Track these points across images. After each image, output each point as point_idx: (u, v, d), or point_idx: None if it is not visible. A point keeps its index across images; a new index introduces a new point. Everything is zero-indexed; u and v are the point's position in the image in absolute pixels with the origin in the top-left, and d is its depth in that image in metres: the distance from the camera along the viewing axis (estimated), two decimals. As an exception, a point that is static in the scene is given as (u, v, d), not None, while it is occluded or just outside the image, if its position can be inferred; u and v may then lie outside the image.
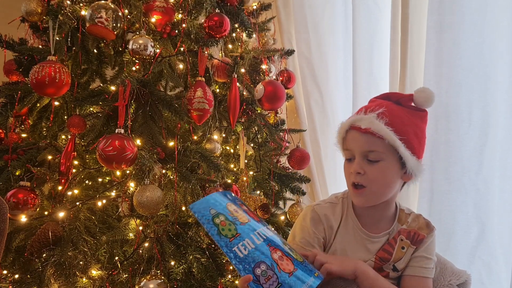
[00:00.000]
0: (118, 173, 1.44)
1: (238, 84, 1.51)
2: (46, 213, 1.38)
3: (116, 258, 1.42)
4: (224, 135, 1.73)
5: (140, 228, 1.36)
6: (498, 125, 1.75)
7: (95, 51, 1.54)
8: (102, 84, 1.56)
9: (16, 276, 1.33)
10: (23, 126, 1.54)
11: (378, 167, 0.98)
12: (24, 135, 1.52)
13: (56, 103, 1.51)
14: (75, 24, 1.43)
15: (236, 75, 1.50)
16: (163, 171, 1.38)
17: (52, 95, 1.34)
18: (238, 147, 1.74)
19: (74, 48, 1.47)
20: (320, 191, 2.18)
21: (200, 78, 1.39)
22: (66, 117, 1.53)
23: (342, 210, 1.08)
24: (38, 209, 1.35)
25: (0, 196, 1.16)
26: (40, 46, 1.49)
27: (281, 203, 1.91)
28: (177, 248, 1.36)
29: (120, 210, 1.42)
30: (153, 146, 1.34)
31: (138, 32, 1.38)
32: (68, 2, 1.43)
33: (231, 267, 1.46)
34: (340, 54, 2.25)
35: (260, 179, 1.77)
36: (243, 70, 1.59)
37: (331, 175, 2.22)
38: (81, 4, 1.45)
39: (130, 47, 1.34)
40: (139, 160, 1.25)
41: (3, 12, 1.73)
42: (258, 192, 1.79)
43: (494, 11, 1.73)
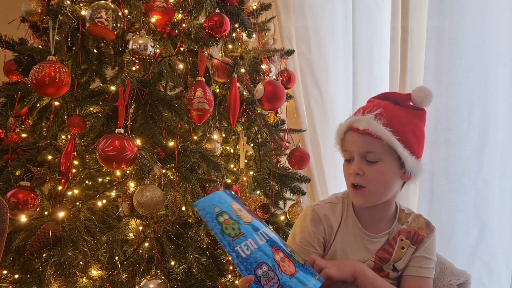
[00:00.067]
0: (118, 173, 1.44)
1: (238, 84, 1.51)
2: (46, 213, 1.38)
3: (116, 258, 1.42)
4: (224, 135, 1.73)
5: (140, 228, 1.36)
6: (498, 125, 1.75)
7: (95, 51, 1.54)
8: (102, 84, 1.56)
9: (16, 276, 1.33)
10: (23, 126, 1.54)
11: (377, 167, 0.98)
12: (24, 135, 1.52)
13: (56, 103, 1.51)
14: (75, 24, 1.43)
15: (236, 75, 1.50)
16: (163, 171, 1.37)
17: (52, 95, 1.34)
18: (238, 147, 1.74)
19: (74, 48, 1.47)
20: (320, 191, 2.18)
21: (200, 78, 1.39)
22: (66, 117, 1.53)
23: (342, 210, 1.08)
24: (38, 209, 1.35)
25: (0, 196, 1.16)
26: (40, 46, 1.49)
27: (281, 203, 1.91)
28: (177, 248, 1.36)
29: (120, 210, 1.42)
30: (153, 146, 1.34)
31: (138, 32, 1.38)
32: (68, 2, 1.43)
33: (231, 267, 1.46)
34: (340, 54, 2.25)
35: (260, 179, 1.77)
36: (243, 70, 1.59)
37: (331, 175, 2.22)
38: (81, 4, 1.45)
39: (130, 47, 1.34)
40: (139, 160, 1.25)
41: (3, 12, 1.73)
42: (258, 192, 1.79)
43: (494, 11, 1.73)
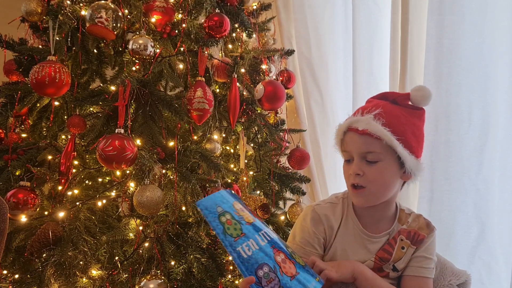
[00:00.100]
0: (118, 173, 1.44)
1: (238, 84, 1.51)
2: (46, 213, 1.38)
3: (116, 258, 1.42)
4: (224, 135, 1.73)
5: (140, 228, 1.36)
6: (498, 125, 1.75)
7: (95, 51, 1.54)
8: (102, 84, 1.56)
9: (16, 276, 1.33)
10: (23, 126, 1.54)
11: (377, 167, 0.98)
12: (24, 135, 1.52)
13: (56, 103, 1.51)
14: (75, 24, 1.43)
15: (236, 75, 1.50)
16: (163, 171, 1.38)
17: (52, 95, 1.34)
18: (238, 147, 1.74)
19: (74, 48, 1.47)
20: (320, 191, 2.18)
21: (200, 78, 1.39)
22: (66, 117, 1.53)
23: (343, 210, 1.08)
24: (38, 209, 1.35)
25: (0, 196, 1.16)
26: (40, 46, 1.49)
27: (281, 203, 1.91)
28: (177, 248, 1.36)
29: (120, 210, 1.42)
30: (153, 146, 1.34)
31: (138, 32, 1.38)
32: (68, 2, 1.43)
33: (231, 267, 1.46)
34: (340, 54, 2.25)
35: (260, 179, 1.77)
36: (243, 70, 1.59)
37: (331, 175, 2.22)
38: (81, 4, 1.45)
39: (130, 47, 1.34)
40: (139, 160, 1.25)
41: (3, 12, 1.73)
42: (258, 192, 1.79)
43: (494, 11, 1.73)
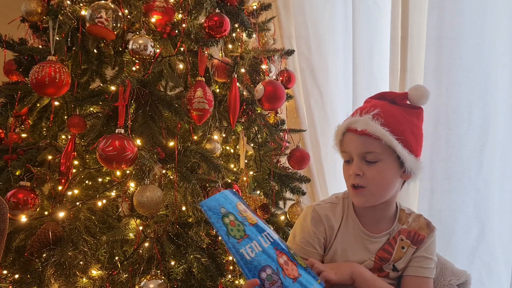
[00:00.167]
0: (118, 173, 1.44)
1: (238, 84, 1.51)
2: (46, 213, 1.38)
3: (116, 258, 1.42)
4: (224, 135, 1.73)
5: (140, 228, 1.36)
6: (498, 125, 1.75)
7: (95, 51, 1.54)
8: (102, 84, 1.56)
9: (16, 276, 1.33)
10: (23, 126, 1.54)
11: (377, 167, 0.98)
12: (24, 135, 1.52)
13: (56, 103, 1.51)
14: (75, 24, 1.43)
15: (236, 75, 1.50)
16: (163, 171, 1.37)
17: (52, 95, 1.34)
18: (238, 147, 1.74)
19: (74, 48, 1.47)
20: (320, 191, 2.18)
21: (200, 78, 1.39)
22: (66, 117, 1.53)
23: (343, 210, 1.08)
24: (38, 209, 1.34)
25: (0, 196, 1.16)
26: (40, 46, 1.48)
27: (281, 203, 1.91)
28: (177, 248, 1.36)
29: (120, 210, 1.42)
30: (153, 146, 1.34)
31: (138, 32, 1.38)
32: (68, 2, 1.43)
33: (231, 267, 1.46)
34: (340, 54, 2.25)
35: (260, 179, 1.77)
36: (243, 70, 1.59)
37: (331, 175, 2.22)
38: (81, 4, 1.45)
39: (130, 47, 1.34)
40: (139, 160, 1.25)
41: (3, 12, 1.73)
42: (258, 192, 1.79)
43: (494, 11, 1.73)
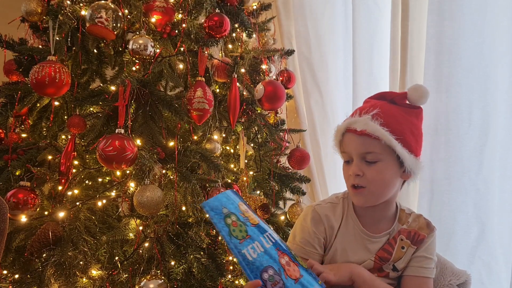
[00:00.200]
0: (118, 173, 1.44)
1: (238, 84, 1.51)
2: (46, 213, 1.38)
3: (116, 258, 1.42)
4: (224, 135, 1.73)
5: (140, 228, 1.36)
6: (498, 125, 1.74)
7: (95, 51, 1.54)
8: (102, 84, 1.56)
9: (16, 276, 1.33)
10: (23, 126, 1.54)
11: (377, 167, 0.98)
12: (24, 135, 1.52)
13: (56, 103, 1.51)
14: (75, 24, 1.43)
15: (236, 75, 1.50)
16: (163, 171, 1.37)
17: (52, 95, 1.34)
18: (238, 147, 1.74)
19: (74, 48, 1.47)
20: (320, 191, 2.18)
21: (200, 78, 1.39)
22: (66, 117, 1.53)
23: (343, 210, 1.08)
24: (38, 209, 1.34)
25: (0, 196, 1.16)
26: (40, 46, 1.48)
27: (281, 203, 1.91)
28: (177, 248, 1.36)
29: (120, 210, 1.42)
30: (153, 146, 1.34)
31: (138, 32, 1.38)
32: (68, 2, 1.43)
33: (231, 267, 1.46)
34: (340, 54, 2.25)
35: (260, 179, 1.77)
36: (243, 70, 1.59)
37: (331, 175, 2.22)
38: (81, 4, 1.45)
39: (130, 47, 1.34)
40: (139, 160, 1.25)
41: (3, 12, 1.73)
42: (258, 192, 1.79)
43: (494, 11, 1.73)
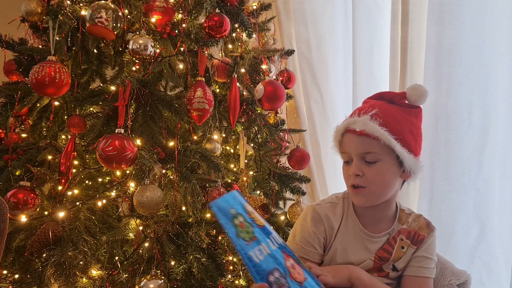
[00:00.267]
0: (118, 173, 1.44)
1: (238, 84, 1.51)
2: (46, 213, 1.38)
3: (116, 258, 1.42)
4: (224, 135, 1.73)
5: (140, 228, 1.36)
6: (498, 125, 1.75)
7: (95, 51, 1.54)
8: (102, 84, 1.56)
9: (16, 276, 1.33)
10: (23, 126, 1.54)
11: (376, 167, 0.98)
12: (24, 135, 1.52)
13: (56, 103, 1.51)
14: (75, 24, 1.43)
15: (236, 75, 1.50)
16: (163, 171, 1.37)
17: (52, 95, 1.34)
18: (238, 147, 1.74)
19: (74, 48, 1.47)
20: (320, 191, 2.18)
21: (200, 78, 1.39)
22: (66, 117, 1.53)
23: (343, 210, 1.08)
24: (38, 209, 1.34)
25: (0, 196, 1.16)
26: (40, 46, 1.48)
27: (281, 203, 1.91)
28: (177, 248, 1.36)
29: (120, 210, 1.42)
30: (153, 146, 1.34)
31: (138, 32, 1.38)
32: (68, 2, 1.43)
33: (231, 267, 1.46)
34: (340, 54, 2.25)
35: (260, 179, 1.77)
36: (243, 70, 1.59)
37: (331, 175, 2.22)
38: (81, 4, 1.45)
39: (130, 47, 1.34)
40: (139, 160, 1.25)
41: (3, 12, 1.73)
42: (258, 192, 1.79)
43: (494, 11, 1.73)
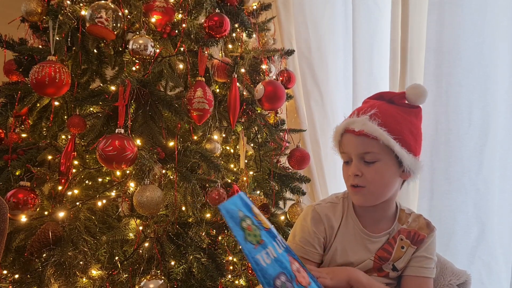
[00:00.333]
0: (118, 173, 1.44)
1: (238, 84, 1.51)
2: (46, 213, 1.38)
3: (116, 258, 1.42)
4: (224, 135, 1.73)
5: (140, 228, 1.36)
6: (498, 125, 1.74)
7: (95, 51, 1.54)
8: (102, 84, 1.56)
9: (16, 276, 1.33)
10: (23, 126, 1.54)
11: (375, 167, 0.98)
12: (24, 135, 1.52)
13: (56, 103, 1.51)
14: (75, 24, 1.43)
15: (236, 75, 1.50)
16: (163, 171, 1.38)
17: (52, 95, 1.34)
18: (238, 147, 1.74)
19: (74, 48, 1.47)
20: (320, 191, 2.18)
21: (200, 78, 1.39)
22: (66, 117, 1.53)
23: (343, 210, 1.08)
24: (38, 209, 1.35)
25: (0, 196, 1.16)
26: (40, 46, 1.49)
27: (281, 203, 1.91)
28: (177, 248, 1.36)
29: (120, 210, 1.42)
30: (153, 146, 1.34)
31: (138, 32, 1.38)
32: (68, 2, 1.43)
33: (231, 267, 1.46)
34: (340, 54, 2.25)
35: (260, 179, 1.77)
36: (243, 70, 1.59)
37: (331, 175, 2.22)
38: (81, 4, 1.45)
39: (130, 47, 1.34)
40: (139, 160, 1.25)
41: (3, 12, 1.73)
42: (258, 192, 1.79)
43: (494, 11, 1.73)
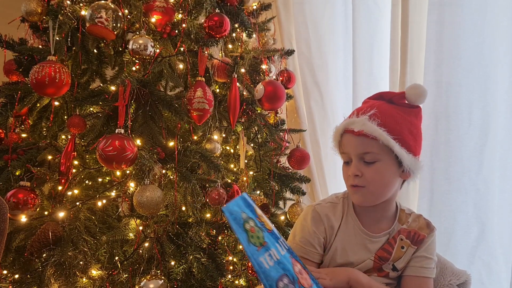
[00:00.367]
0: (118, 173, 1.44)
1: (238, 84, 1.51)
2: (46, 213, 1.38)
3: (116, 258, 1.42)
4: (224, 135, 1.73)
5: (140, 228, 1.36)
6: (498, 125, 1.74)
7: (95, 51, 1.54)
8: (102, 84, 1.56)
9: (16, 276, 1.33)
10: (23, 126, 1.54)
11: (375, 168, 0.98)
12: (24, 135, 1.52)
13: (56, 103, 1.51)
14: (75, 24, 1.43)
15: (236, 75, 1.50)
16: (163, 171, 1.38)
17: (52, 95, 1.34)
18: (238, 147, 1.74)
19: (74, 48, 1.47)
20: (320, 191, 2.18)
21: (200, 78, 1.39)
22: (66, 117, 1.53)
23: (343, 210, 1.09)
24: (38, 209, 1.35)
25: (0, 196, 1.16)
26: (40, 46, 1.49)
27: (281, 203, 1.91)
28: (177, 248, 1.36)
29: (120, 210, 1.42)
30: (153, 146, 1.34)
31: (138, 32, 1.38)
32: (68, 2, 1.43)
33: (231, 267, 1.46)
34: (340, 54, 2.25)
35: (260, 179, 1.77)
36: (243, 70, 1.59)
37: (331, 175, 2.22)
38: (81, 4, 1.45)
39: (130, 47, 1.34)
40: (139, 160, 1.25)
41: (3, 12, 1.73)
42: (258, 192, 1.79)
43: (494, 11, 1.73)
